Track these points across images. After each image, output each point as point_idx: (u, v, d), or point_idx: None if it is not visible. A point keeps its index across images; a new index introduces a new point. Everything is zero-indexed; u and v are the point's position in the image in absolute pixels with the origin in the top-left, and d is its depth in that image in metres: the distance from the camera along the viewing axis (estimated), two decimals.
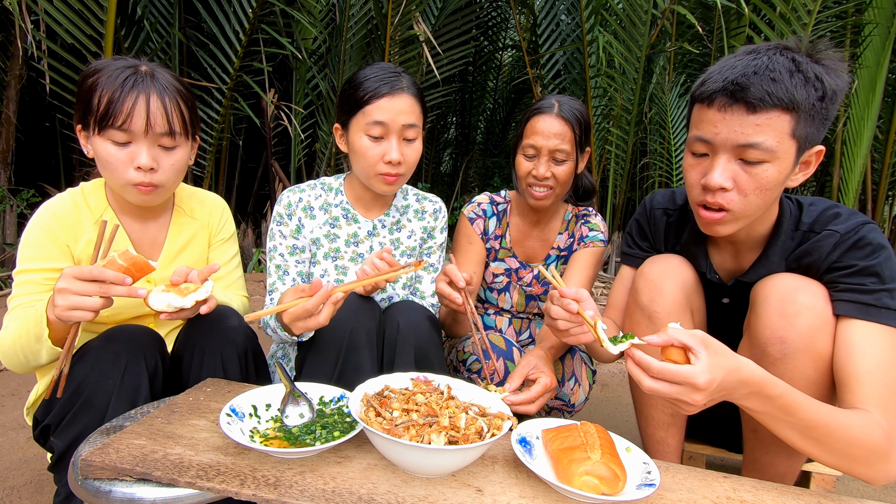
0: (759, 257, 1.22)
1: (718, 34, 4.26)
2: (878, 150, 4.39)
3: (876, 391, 0.99)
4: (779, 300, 1.10)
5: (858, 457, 0.96)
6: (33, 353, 1.12)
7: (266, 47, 3.83)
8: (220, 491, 0.84)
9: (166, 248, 1.39)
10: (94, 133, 1.18)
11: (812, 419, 0.94)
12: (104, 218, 1.29)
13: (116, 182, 1.23)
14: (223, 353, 1.25)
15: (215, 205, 1.49)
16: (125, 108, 1.15)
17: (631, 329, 1.34)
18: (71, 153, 4.07)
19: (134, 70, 1.19)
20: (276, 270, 1.49)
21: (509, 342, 1.60)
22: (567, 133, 1.57)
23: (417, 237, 1.61)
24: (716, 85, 1.04)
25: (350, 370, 1.28)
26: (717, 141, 1.06)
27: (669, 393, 0.89)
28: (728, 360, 0.90)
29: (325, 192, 1.54)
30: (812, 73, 1.01)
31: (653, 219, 1.41)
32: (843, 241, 1.11)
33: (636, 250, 1.45)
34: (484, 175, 6.86)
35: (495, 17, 5.97)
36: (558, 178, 1.60)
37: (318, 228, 1.51)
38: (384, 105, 1.36)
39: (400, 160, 1.38)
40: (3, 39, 3.60)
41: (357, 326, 1.29)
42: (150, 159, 1.19)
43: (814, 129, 1.04)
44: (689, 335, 0.91)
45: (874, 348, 1.02)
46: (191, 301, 1.11)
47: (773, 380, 0.93)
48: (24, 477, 1.58)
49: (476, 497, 0.88)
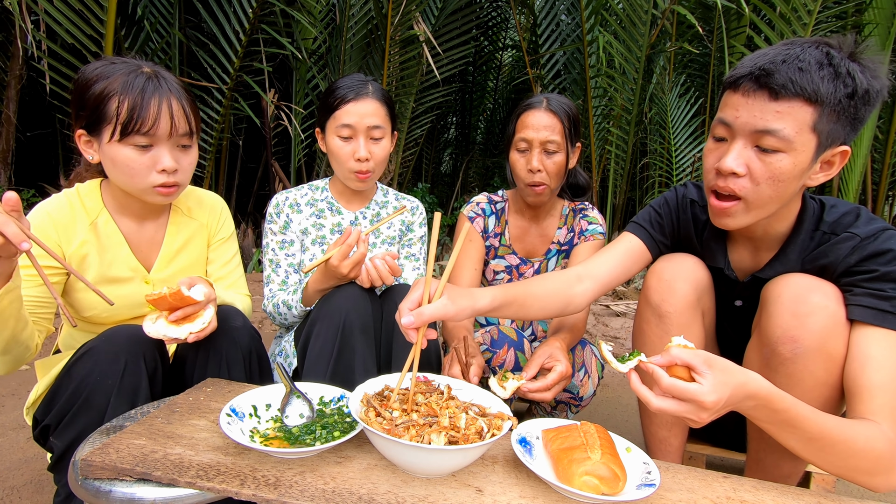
0: (776, 254, 1.21)
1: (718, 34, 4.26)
2: (878, 150, 4.38)
3: (888, 403, 0.98)
4: (791, 300, 1.09)
5: (861, 467, 0.96)
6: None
7: (266, 47, 3.83)
8: (220, 491, 0.84)
9: (164, 248, 1.38)
10: (112, 140, 1.17)
11: (816, 431, 0.94)
12: (99, 219, 1.29)
13: (137, 186, 1.22)
14: (227, 353, 1.24)
15: (214, 204, 1.49)
16: (150, 113, 1.16)
17: (639, 327, 1.33)
18: (71, 153, 4.07)
19: (144, 74, 1.19)
20: (270, 264, 1.65)
21: (520, 334, 1.63)
22: (556, 125, 1.62)
23: (396, 229, 1.76)
24: (744, 70, 1.04)
25: (347, 352, 1.36)
26: (737, 125, 1.05)
27: (677, 411, 0.89)
28: (734, 376, 0.90)
29: (311, 191, 1.73)
30: (844, 69, 0.98)
31: (684, 207, 1.36)
32: (861, 246, 1.09)
33: (653, 232, 1.38)
34: (484, 175, 6.87)
35: (495, 17, 5.97)
36: (549, 171, 1.64)
37: (305, 220, 1.68)
38: (350, 109, 1.55)
39: (367, 157, 1.56)
40: (3, 39, 3.60)
41: (351, 309, 1.38)
42: (173, 161, 1.21)
43: (839, 126, 1.01)
44: (693, 355, 0.91)
45: (888, 359, 1.01)
46: (184, 332, 1.11)
47: (780, 394, 0.93)
48: (24, 477, 1.58)
49: (476, 497, 0.88)
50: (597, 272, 1.33)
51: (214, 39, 3.80)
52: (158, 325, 1.11)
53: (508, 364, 1.53)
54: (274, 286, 1.62)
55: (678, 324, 1.25)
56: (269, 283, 1.63)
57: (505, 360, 1.54)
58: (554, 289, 1.28)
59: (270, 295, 1.61)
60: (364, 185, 1.65)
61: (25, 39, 3.13)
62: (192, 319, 1.14)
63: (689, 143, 4.52)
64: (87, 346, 1.13)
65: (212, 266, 1.48)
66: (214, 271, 1.48)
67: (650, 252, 1.38)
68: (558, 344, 1.42)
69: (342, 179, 1.67)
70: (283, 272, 1.64)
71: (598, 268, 1.34)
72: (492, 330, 1.59)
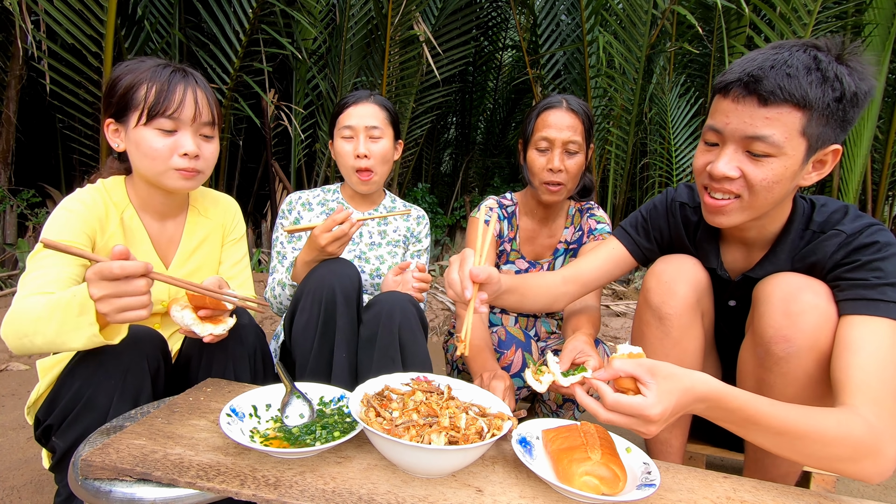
0: (766, 254, 1.21)
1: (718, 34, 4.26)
2: (878, 150, 4.39)
3: (867, 386, 0.96)
4: (782, 299, 1.10)
5: (840, 456, 0.93)
6: (66, 337, 0.99)
7: (266, 47, 3.83)
8: (220, 491, 0.84)
9: (182, 246, 1.41)
10: (140, 124, 1.22)
11: (780, 425, 0.92)
12: (125, 214, 1.32)
13: (157, 169, 1.26)
14: (233, 351, 1.25)
15: (228, 205, 1.54)
16: (176, 97, 1.23)
17: (639, 329, 1.34)
18: (71, 153, 4.07)
19: (172, 66, 1.27)
20: (277, 256, 1.73)
21: (527, 335, 1.63)
22: (578, 125, 1.62)
23: (401, 234, 1.84)
24: (734, 76, 1.04)
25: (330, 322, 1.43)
26: (727, 131, 1.06)
27: (625, 424, 0.90)
28: (679, 382, 0.90)
29: (323, 193, 1.82)
30: (832, 73, 0.99)
31: (673, 210, 1.38)
32: (847, 242, 1.10)
33: (637, 238, 1.41)
34: (484, 175, 6.87)
35: (495, 17, 5.97)
36: (570, 171, 1.63)
37: (316, 218, 1.76)
38: (352, 112, 1.69)
39: (366, 154, 1.67)
40: (3, 39, 3.60)
41: (336, 283, 1.43)
42: (195, 146, 1.26)
43: (828, 129, 1.02)
44: (636, 366, 0.91)
45: (870, 343, 0.99)
46: (206, 331, 1.14)
47: (732, 392, 0.92)
48: (24, 477, 1.58)
49: (476, 497, 0.88)
50: (580, 277, 1.42)
51: (214, 39, 3.80)
52: (185, 315, 1.14)
53: (516, 366, 1.53)
54: (277, 275, 1.68)
55: (678, 326, 1.25)
56: (274, 272, 1.70)
57: (512, 360, 1.54)
58: (546, 285, 1.38)
59: (272, 283, 1.68)
60: (366, 186, 1.72)
61: (25, 39, 3.13)
62: (214, 321, 1.16)
63: (689, 143, 4.52)
64: None
65: (222, 266, 1.51)
66: (225, 270, 1.51)
67: (634, 258, 1.43)
68: (584, 338, 1.41)
69: (347, 181, 1.76)
70: (288, 263, 1.70)
71: (582, 273, 1.42)
72: (499, 331, 1.59)
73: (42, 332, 0.99)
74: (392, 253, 1.81)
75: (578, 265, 1.43)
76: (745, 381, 1.22)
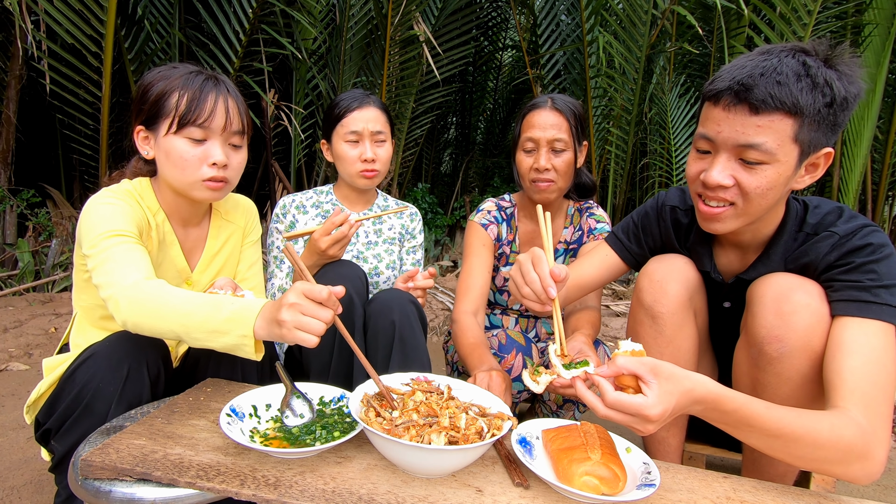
0: (759, 256, 1.22)
1: (718, 34, 4.26)
2: (878, 150, 4.38)
3: (859, 389, 0.96)
4: (775, 299, 1.10)
5: (831, 459, 0.94)
6: (210, 338, 1.02)
7: (266, 47, 3.83)
8: (220, 491, 0.84)
9: (206, 250, 1.42)
10: (170, 132, 1.22)
11: (774, 427, 0.92)
12: (157, 217, 1.30)
13: (187, 179, 1.25)
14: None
15: (248, 207, 1.55)
16: (207, 106, 1.23)
17: (633, 328, 1.34)
18: (71, 153, 4.06)
19: (204, 74, 1.26)
20: (274, 260, 1.73)
21: (528, 338, 1.63)
22: (563, 123, 1.62)
23: (396, 231, 1.88)
24: (723, 84, 1.04)
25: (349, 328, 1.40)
26: (719, 139, 1.06)
27: (623, 421, 0.90)
28: (680, 383, 0.90)
29: (316, 195, 1.84)
30: (822, 79, 0.99)
31: (663, 215, 1.39)
32: (840, 243, 1.10)
33: (628, 244, 1.43)
34: (484, 175, 6.87)
35: (495, 17, 5.98)
36: (558, 169, 1.63)
37: (311, 221, 1.78)
38: (356, 116, 1.70)
39: (374, 158, 1.71)
40: (3, 39, 3.59)
41: (349, 288, 1.41)
42: (224, 156, 1.26)
43: (820, 134, 1.02)
44: (639, 363, 0.91)
45: (862, 346, 1.00)
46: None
47: (729, 395, 0.92)
48: (24, 477, 1.58)
49: (476, 497, 0.88)
50: (575, 281, 1.42)
51: (214, 39, 3.79)
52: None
53: (516, 370, 1.53)
54: (276, 280, 1.71)
55: (671, 324, 1.25)
56: (273, 277, 1.72)
57: (513, 364, 1.54)
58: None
59: (272, 289, 1.70)
60: (371, 183, 1.76)
61: (25, 39, 3.13)
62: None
63: (689, 143, 4.52)
64: (90, 350, 1.12)
65: (239, 266, 1.52)
66: (241, 272, 1.51)
67: (626, 264, 1.45)
68: (583, 339, 1.43)
69: (350, 181, 1.77)
70: (285, 267, 1.71)
71: (576, 278, 1.43)
72: (499, 334, 1.59)
73: (186, 325, 1.02)
74: (389, 251, 1.82)
75: (573, 270, 1.44)
76: (740, 382, 1.22)
